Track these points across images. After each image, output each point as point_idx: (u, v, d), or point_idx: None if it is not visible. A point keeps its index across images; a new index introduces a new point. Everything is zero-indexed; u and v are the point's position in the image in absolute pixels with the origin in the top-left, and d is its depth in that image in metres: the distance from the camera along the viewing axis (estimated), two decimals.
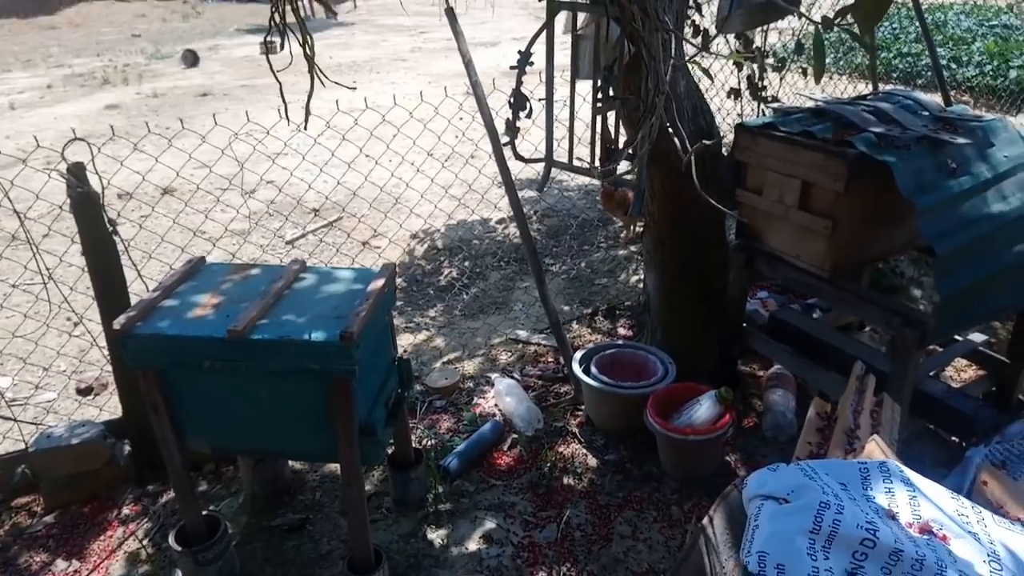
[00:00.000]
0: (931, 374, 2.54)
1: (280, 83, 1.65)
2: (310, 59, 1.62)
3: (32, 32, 15.49)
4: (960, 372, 2.92)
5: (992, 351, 2.62)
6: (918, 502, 1.20)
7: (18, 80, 10.12)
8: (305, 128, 1.74)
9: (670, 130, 1.89)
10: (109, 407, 2.89)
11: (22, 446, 2.38)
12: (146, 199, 4.46)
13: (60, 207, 2.28)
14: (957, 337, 2.68)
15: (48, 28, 15.96)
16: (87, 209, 2.16)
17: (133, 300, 2.13)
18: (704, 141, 1.71)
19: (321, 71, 1.64)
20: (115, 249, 2.24)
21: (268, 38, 1.62)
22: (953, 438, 2.38)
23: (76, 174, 2.10)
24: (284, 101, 1.70)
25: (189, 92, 9.11)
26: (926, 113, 2.30)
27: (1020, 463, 1.91)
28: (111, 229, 2.20)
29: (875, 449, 1.46)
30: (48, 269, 2.38)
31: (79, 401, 3.00)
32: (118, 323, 1.68)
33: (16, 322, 3.02)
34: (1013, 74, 7.32)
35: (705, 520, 1.43)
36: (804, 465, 1.28)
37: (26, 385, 3.07)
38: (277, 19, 1.57)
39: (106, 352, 2.46)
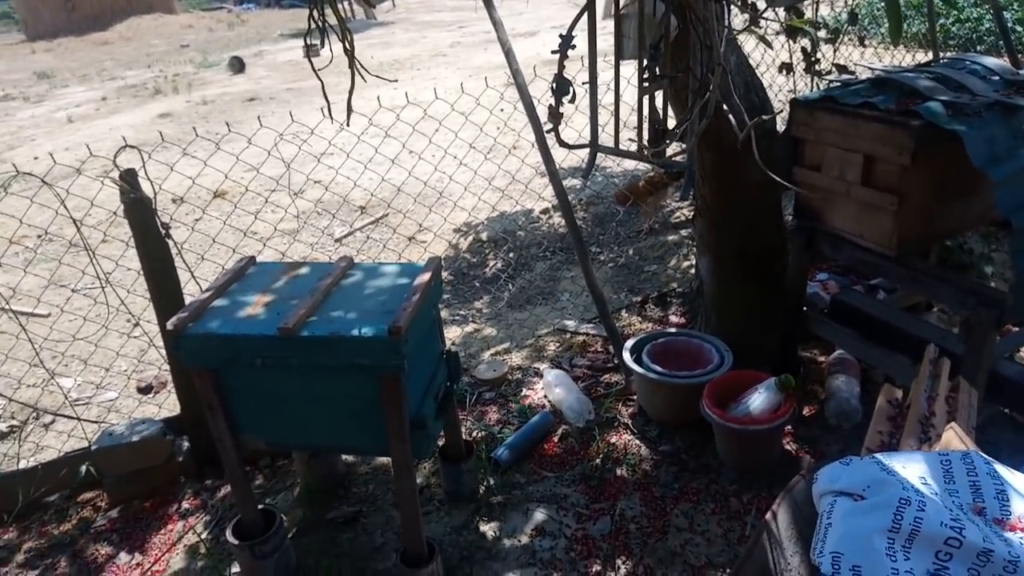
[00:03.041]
0: (1006, 356, 2.40)
1: (323, 82, 1.65)
2: (351, 55, 1.61)
3: (87, 48, 16.12)
4: None
5: None
6: (1007, 496, 1.11)
7: (75, 95, 10.53)
8: (347, 124, 1.73)
9: (724, 108, 1.81)
10: (168, 404, 2.96)
11: (86, 444, 2.46)
12: (198, 202, 4.57)
13: (115, 213, 2.34)
14: None
15: (101, 44, 16.58)
16: (140, 214, 2.21)
17: (188, 301, 2.17)
18: (762, 116, 1.63)
19: (362, 66, 1.63)
20: (168, 252, 2.29)
21: (308, 40, 1.61)
22: None
23: (128, 181, 2.15)
24: (327, 100, 1.70)
25: (237, 98, 9.32)
26: (996, 78, 2.15)
27: None
28: (164, 232, 2.25)
29: (953, 438, 1.37)
30: (106, 273, 2.45)
31: (139, 399, 3.09)
32: (171, 324, 1.71)
33: (77, 325, 3.13)
34: None
35: (769, 515, 1.36)
36: (879, 458, 1.19)
37: (89, 385, 3.18)
38: (317, 20, 1.56)
39: (163, 352, 2.52)
